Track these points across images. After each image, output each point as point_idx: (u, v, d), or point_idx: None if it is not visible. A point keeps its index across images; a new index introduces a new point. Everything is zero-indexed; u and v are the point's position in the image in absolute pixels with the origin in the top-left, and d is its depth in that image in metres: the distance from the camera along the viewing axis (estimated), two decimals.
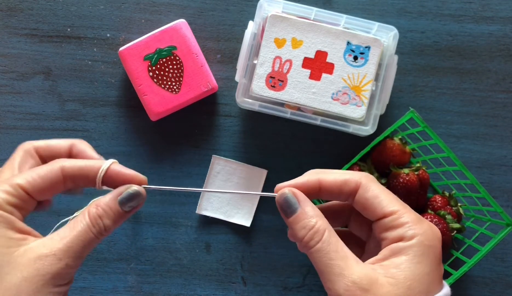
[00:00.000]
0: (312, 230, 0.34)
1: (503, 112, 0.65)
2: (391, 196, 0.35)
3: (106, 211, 0.35)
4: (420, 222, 0.33)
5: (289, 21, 0.59)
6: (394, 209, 0.34)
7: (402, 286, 0.31)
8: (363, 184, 0.35)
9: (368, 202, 0.35)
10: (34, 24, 0.65)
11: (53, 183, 0.35)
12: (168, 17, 0.65)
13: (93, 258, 0.65)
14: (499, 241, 0.54)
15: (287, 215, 0.35)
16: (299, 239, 0.34)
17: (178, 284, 0.65)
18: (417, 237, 0.33)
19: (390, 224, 0.34)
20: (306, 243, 0.34)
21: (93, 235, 0.34)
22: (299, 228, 0.34)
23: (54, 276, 0.32)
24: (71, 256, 0.33)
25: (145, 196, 0.36)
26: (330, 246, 0.33)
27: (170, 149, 0.65)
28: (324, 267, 0.33)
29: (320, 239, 0.33)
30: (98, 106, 0.65)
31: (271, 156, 0.65)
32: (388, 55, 0.59)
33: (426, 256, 0.32)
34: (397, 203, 0.34)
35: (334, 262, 0.32)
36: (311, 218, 0.34)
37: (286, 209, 0.35)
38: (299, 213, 0.35)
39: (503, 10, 0.65)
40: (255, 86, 0.59)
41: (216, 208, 0.65)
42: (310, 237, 0.34)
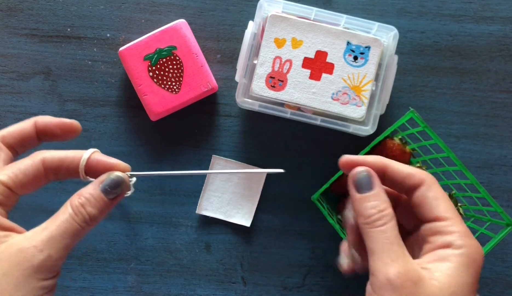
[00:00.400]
0: (382, 213, 0.34)
1: (503, 112, 0.65)
2: (450, 203, 0.35)
3: (88, 199, 0.34)
4: (469, 235, 0.34)
5: (289, 21, 0.59)
6: (449, 215, 0.35)
7: (446, 290, 0.32)
8: (427, 182, 0.36)
9: (427, 200, 0.35)
10: (34, 24, 0.65)
11: (35, 177, 0.34)
12: (168, 17, 0.65)
13: (93, 258, 0.65)
14: (499, 241, 0.54)
15: (360, 191, 0.36)
16: (365, 216, 0.35)
17: (178, 284, 0.65)
18: (465, 248, 0.33)
19: (441, 229, 0.34)
20: (373, 221, 0.34)
21: (77, 224, 0.33)
22: (370, 206, 0.35)
23: (36, 269, 0.31)
24: (53, 247, 0.32)
25: (128, 182, 0.35)
26: (393, 232, 0.34)
27: (170, 149, 0.65)
28: (382, 248, 0.33)
29: (387, 223, 0.34)
30: (98, 106, 0.65)
31: (271, 156, 0.65)
32: (388, 55, 0.59)
33: (470, 268, 0.33)
34: (453, 211, 0.35)
35: (394, 246, 0.33)
36: (384, 202, 0.35)
37: (361, 185, 0.36)
38: (374, 193, 0.35)
39: (503, 10, 0.65)
40: (255, 86, 0.59)
41: (216, 208, 0.65)
42: (378, 217, 0.34)
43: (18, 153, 0.38)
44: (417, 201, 0.36)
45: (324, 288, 0.65)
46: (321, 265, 0.65)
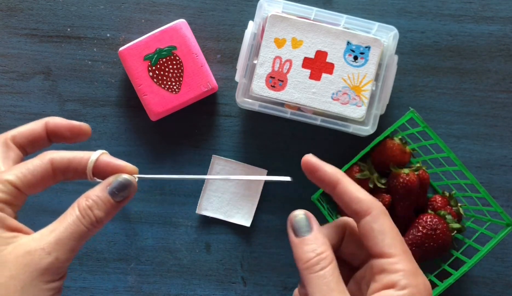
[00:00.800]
0: (320, 256, 0.33)
1: (503, 112, 0.65)
2: (398, 237, 0.34)
3: (96, 202, 0.34)
4: (415, 274, 0.33)
5: (289, 21, 0.59)
6: (395, 252, 0.33)
7: None
8: (374, 212, 0.34)
9: (373, 233, 0.34)
10: (34, 24, 0.65)
11: (43, 177, 0.34)
12: (168, 17, 0.65)
13: (93, 258, 0.65)
14: (499, 241, 0.54)
15: (297, 234, 0.35)
16: (304, 260, 0.34)
17: (178, 284, 0.65)
18: (409, 289, 0.32)
19: (386, 267, 0.33)
20: (311, 266, 0.33)
21: (84, 227, 0.33)
22: (307, 250, 0.34)
23: (43, 272, 0.31)
24: (60, 249, 0.32)
25: (135, 185, 0.35)
26: (333, 277, 0.33)
27: (170, 149, 0.65)
28: (321, 295, 0.32)
29: (326, 267, 0.33)
30: (98, 106, 0.65)
31: (271, 156, 0.65)
32: (388, 55, 0.59)
33: None
34: (400, 246, 0.34)
35: (333, 293, 0.32)
36: (322, 245, 0.34)
37: (298, 228, 0.35)
38: (311, 236, 0.34)
39: (503, 10, 0.65)
40: (255, 86, 0.59)
41: (216, 208, 0.65)
42: (316, 261, 0.33)
43: (28, 153, 0.38)
44: (362, 231, 0.34)
45: None
46: None
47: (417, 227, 0.57)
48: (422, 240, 0.56)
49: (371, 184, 0.59)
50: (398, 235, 0.34)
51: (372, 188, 0.59)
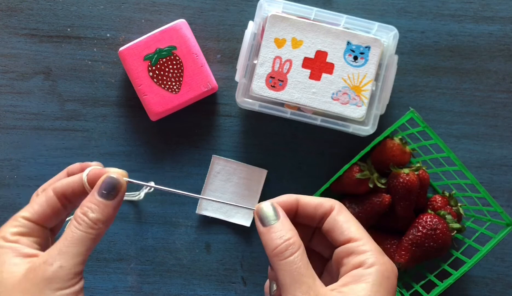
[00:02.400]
0: (288, 242, 0.35)
1: (503, 112, 0.65)
2: (359, 225, 0.37)
3: (89, 207, 0.36)
4: (380, 253, 0.35)
5: (289, 21, 0.59)
6: (360, 236, 0.36)
7: None
8: (337, 207, 0.37)
9: (338, 224, 0.36)
10: (34, 24, 0.65)
11: (50, 205, 0.37)
12: (168, 17, 0.65)
13: (93, 258, 0.65)
14: (499, 241, 0.54)
15: (264, 223, 0.36)
16: (272, 248, 0.35)
17: (178, 284, 0.65)
18: (376, 266, 0.34)
19: (354, 249, 0.35)
20: (280, 252, 0.34)
21: (82, 232, 0.35)
22: (275, 237, 0.35)
23: (49, 281, 0.33)
24: (63, 258, 0.34)
25: (122, 181, 0.37)
26: (302, 262, 0.34)
27: (170, 149, 0.65)
28: (291, 280, 0.33)
29: (295, 252, 0.34)
30: (98, 106, 0.65)
31: (271, 156, 0.65)
32: (388, 55, 0.59)
33: (383, 286, 0.34)
34: (364, 232, 0.36)
35: (303, 278, 0.33)
36: (289, 231, 0.35)
37: (264, 218, 0.36)
38: (278, 223, 0.36)
39: (503, 10, 0.65)
40: (255, 86, 0.59)
41: (216, 208, 0.65)
42: (285, 247, 0.34)
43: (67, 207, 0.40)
44: (328, 226, 0.37)
45: None
46: None
47: (417, 227, 0.57)
48: (422, 240, 0.56)
49: (371, 184, 0.59)
50: (359, 224, 0.37)
51: (372, 188, 0.59)
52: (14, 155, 0.65)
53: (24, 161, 0.65)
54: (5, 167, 0.65)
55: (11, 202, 0.65)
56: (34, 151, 0.65)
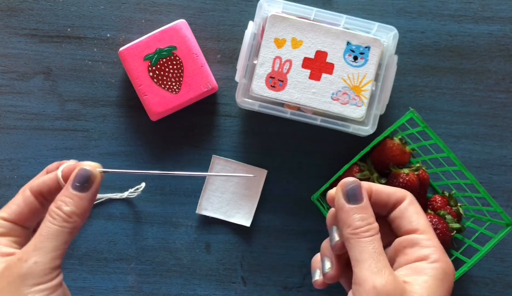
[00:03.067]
0: (370, 226, 0.35)
1: (503, 112, 0.65)
2: (428, 221, 0.37)
3: (63, 200, 0.36)
4: (443, 252, 0.36)
5: (289, 21, 0.59)
6: (428, 230, 0.36)
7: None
8: (409, 197, 0.37)
9: (408, 213, 0.36)
10: (34, 24, 0.65)
11: (27, 204, 0.37)
12: (168, 17, 0.65)
13: (93, 258, 0.65)
14: (499, 241, 0.54)
15: (349, 201, 0.36)
16: (353, 227, 0.35)
17: (178, 284, 0.65)
18: (440, 263, 0.34)
19: (419, 241, 0.35)
20: (361, 232, 0.35)
21: (56, 226, 0.35)
22: (358, 218, 0.35)
23: (24, 278, 0.33)
24: (38, 254, 0.34)
25: (95, 172, 0.37)
26: (380, 244, 0.35)
27: (170, 149, 0.65)
28: (369, 258, 0.34)
29: (373, 235, 0.35)
30: (98, 106, 0.65)
31: (271, 156, 0.65)
32: (388, 55, 0.59)
33: (444, 281, 0.34)
34: (431, 228, 0.36)
35: (381, 257, 0.34)
36: (372, 216, 0.36)
37: (351, 195, 0.37)
38: (363, 205, 0.36)
39: (503, 10, 0.65)
40: (255, 86, 0.59)
41: (216, 208, 0.65)
42: (366, 229, 0.35)
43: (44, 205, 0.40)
44: (398, 214, 0.37)
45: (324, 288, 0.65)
46: None
47: None
48: None
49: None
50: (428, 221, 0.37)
51: None
52: (14, 155, 0.65)
53: (24, 161, 0.65)
54: (5, 167, 0.65)
55: None
56: (34, 151, 0.65)
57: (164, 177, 0.65)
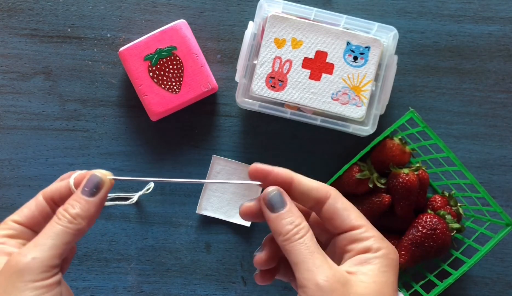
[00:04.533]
0: (298, 227, 0.36)
1: (503, 112, 0.65)
2: (358, 211, 0.37)
3: (70, 203, 0.36)
4: (382, 239, 0.36)
5: (289, 21, 0.59)
6: (362, 223, 0.36)
7: (373, 289, 0.34)
8: (333, 195, 0.37)
9: (338, 212, 0.37)
10: (35, 24, 0.65)
11: (39, 209, 0.38)
12: (168, 17, 0.65)
13: (93, 258, 0.65)
14: (499, 241, 0.54)
15: (273, 210, 0.37)
16: (283, 233, 0.36)
17: (178, 284, 0.65)
18: (383, 250, 0.35)
19: (357, 236, 0.36)
20: (291, 236, 0.35)
21: (61, 226, 0.35)
22: (285, 223, 0.36)
23: (21, 273, 0.33)
24: (38, 250, 0.34)
25: (105, 178, 0.38)
26: (312, 242, 0.35)
27: (170, 149, 0.65)
28: (304, 258, 0.34)
29: (304, 235, 0.35)
30: (98, 106, 0.65)
31: (271, 156, 0.65)
32: (388, 55, 0.59)
33: (390, 267, 0.35)
34: (363, 218, 0.37)
35: (316, 254, 0.34)
36: (298, 217, 0.36)
37: (273, 204, 0.37)
38: (287, 210, 0.36)
39: (503, 10, 0.65)
40: (255, 86, 0.59)
41: (216, 208, 0.65)
42: (296, 231, 0.35)
43: None
44: (327, 214, 0.37)
45: None
46: None
47: (417, 227, 0.57)
48: (421, 240, 0.56)
49: (371, 184, 0.59)
50: (357, 210, 0.37)
51: (372, 188, 0.59)
52: (14, 155, 0.65)
53: (24, 161, 0.65)
54: (5, 167, 0.65)
55: (11, 202, 0.65)
56: (34, 151, 0.65)
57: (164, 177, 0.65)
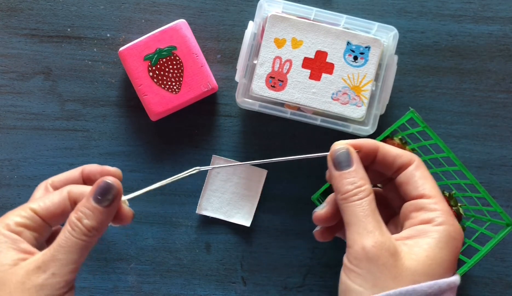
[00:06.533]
0: (359, 189, 0.35)
1: (503, 112, 0.65)
2: (436, 184, 0.36)
3: (83, 212, 0.35)
4: (450, 215, 0.35)
5: (289, 21, 0.59)
6: (434, 194, 0.35)
7: (423, 264, 0.33)
8: (416, 162, 0.37)
9: (414, 178, 0.36)
10: (34, 24, 0.65)
11: (62, 206, 0.37)
12: (168, 17, 0.65)
13: (93, 258, 0.65)
14: (499, 241, 0.54)
15: (338, 168, 0.36)
16: (341, 191, 0.35)
17: (178, 284, 0.65)
18: (446, 226, 0.34)
19: (424, 205, 0.35)
20: (350, 196, 0.35)
21: (76, 239, 0.35)
22: (347, 183, 0.35)
23: (40, 288, 0.33)
24: (56, 265, 0.34)
25: (118, 185, 0.37)
26: (369, 206, 0.34)
27: (170, 149, 0.65)
28: (358, 220, 0.34)
29: (363, 198, 0.35)
30: (98, 106, 0.65)
31: (271, 156, 0.65)
32: (388, 55, 0.59)
33: (449, 245, 0.34)
34: (438, 191, 0.36)
35: (369, 219, 0.34)
36: (361, 179, 0.36)
37: (339, 162, 0.37)
38: (351, 170, 0.36)
39: (503, 10, 0.65)
40: (255, 86, 0.59)
41: (216, 208, 0.65)
42: (355, 192, 0.35)
43: None
44: (404, 179, 0.37)
45: (324, 288, 0.65)
46: (321, 265, 0.65)
47: None
48: None
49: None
50: (436, 183, 0.36)
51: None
52: (14, 155, 0.65)
53: (24, 161, 0.65)
54: (5, 167, 0.65)
55: (11, 202, 0.65)
56: (34, 151, 0.65)
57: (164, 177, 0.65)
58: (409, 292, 0.31)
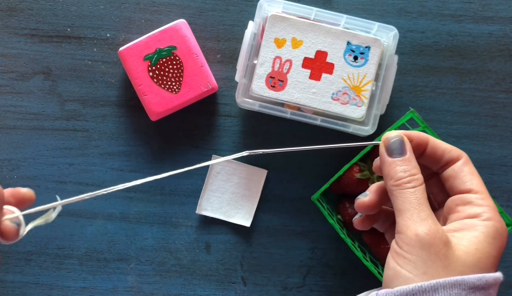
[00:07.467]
0: (413, 177, 0.35)
1: (503, 112, 0.65)
2: (482, 181, 0.37)
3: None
4: (498, 212, 0.35)
5: (289, 21, 0.59)
6: (481, 190, 0.35)
7: (472, 256, 0.33)
8: (464, 157, 0.38)
9: (462, 174, 0.36)
10: (34, 24, 0.65)
11: None
12: (168, 17, 0.65)
13: (93, 258, 0.65)
14: None
15: (392, 155, 0.36)
16: (394, 178, 0.35)
17: (178, 284, 0.65)
18: (493, 221, 0.34)
19: (472, 200, 0.35)
20: (403, 183, 0.35)
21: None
22: (400, 170, 0.35)
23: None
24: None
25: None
26: (423, 195, 0.34)
27: (170, 149, 0.65)
28: (411, 207, 0.34)
29: (417, 186, 0.35)
30: (98, 106, 0.65)
31: (271, 156, 0.65)
32: (388, 55, 0.59)
33: (496, 240, 0.34)
34: (485, 189, 0.36)
35: (424, 207, 0.34)
36: (415, 168, 0.36)
37: (392, 149, 0.37)
38: (405, 158, 0.36)
39: (503, 10, 0.65)
40: (255, 86, 0.59)
41: (216, 208, 0.65)
42: (409, 180, 0.35)
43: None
44: (451, 173, 0.37)
45: (324, 288, 0.65)
46: (321, 265, 0.65)
47: None
48: None
49: (371, 183, 0.59)
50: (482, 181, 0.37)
51: None
52: (14, 155, 0.65)
53: (24, 161, 0.65)
54: (5, 167, 0.65)
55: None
56: (34, 151, 0.65)
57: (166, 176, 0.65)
58: (459, 281, 0.32)
